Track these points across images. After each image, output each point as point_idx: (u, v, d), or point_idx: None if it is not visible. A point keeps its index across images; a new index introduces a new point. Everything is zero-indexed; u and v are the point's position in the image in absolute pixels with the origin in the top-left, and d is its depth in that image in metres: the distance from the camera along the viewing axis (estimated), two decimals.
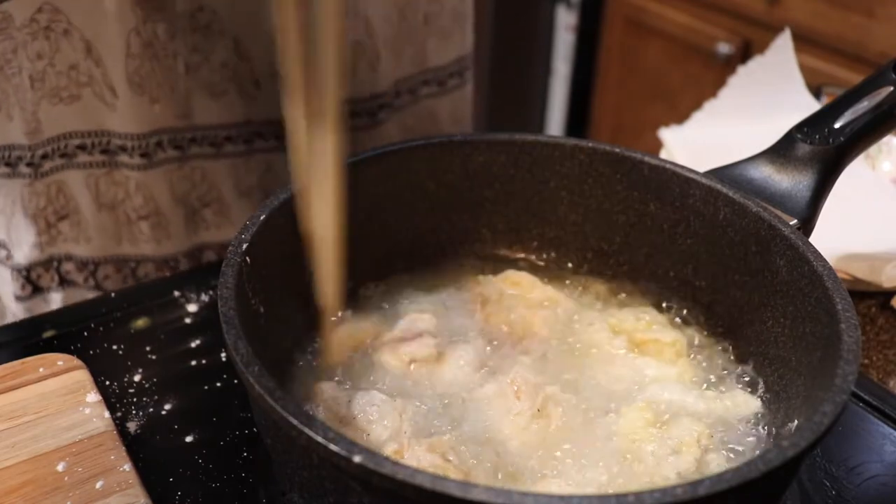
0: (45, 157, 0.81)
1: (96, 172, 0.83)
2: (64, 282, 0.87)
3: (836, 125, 0.64)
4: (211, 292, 0.75)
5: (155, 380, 0.66)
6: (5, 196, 0.84)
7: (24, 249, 0.85)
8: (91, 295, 0.87)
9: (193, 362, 0.68)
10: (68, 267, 0.87)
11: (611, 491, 0.52)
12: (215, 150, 0.86)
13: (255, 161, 0.88)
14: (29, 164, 0.81)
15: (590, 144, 0.69)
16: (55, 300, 0.88)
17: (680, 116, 1.12)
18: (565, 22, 2.56)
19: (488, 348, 0.63)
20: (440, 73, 0.98)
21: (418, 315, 0.65)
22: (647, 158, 0.67)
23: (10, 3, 0.73)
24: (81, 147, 0.81)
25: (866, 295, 0.82)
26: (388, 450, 0.52)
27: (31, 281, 0.87)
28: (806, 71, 1.09)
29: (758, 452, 0.56)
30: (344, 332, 0.64)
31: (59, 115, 0.79)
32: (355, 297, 0.69)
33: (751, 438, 0.58)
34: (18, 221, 0.84)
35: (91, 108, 0.79)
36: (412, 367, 0.61)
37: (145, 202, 0.85)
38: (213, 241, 0.89)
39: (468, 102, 1.05)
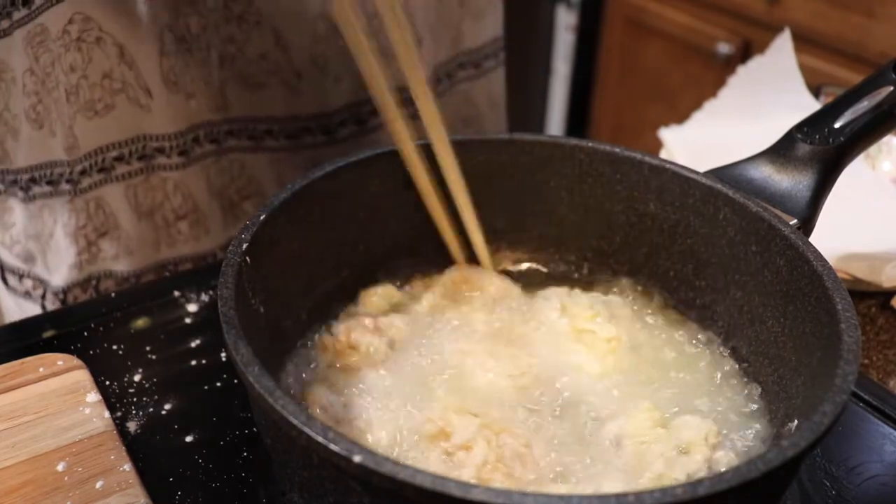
0: (83, 172, 0.79)
1: (134, 182, 0.82)
2: None
3: (836, 125, 0.64)
4: (211, 292, 0.75)
5: (155, 380, 0.66)
6: (48, 216, 0.82)
7: (63, 271, 0.84)
8: None
9: (193, 362, 0.68)
10: (107, 284, 0.86)
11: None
12: (254, 143, 0.85)
13: (301, 157, 0.88)
14: (69, 181, 0.80)
15: (590, 144, 0.69)
16: None
17: (680, 116, 1.12)
18: (565, 22, 2.56)
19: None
20: (476, 55, 0.97)
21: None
22: (647, 158, 0.67)
23: (45, 15, 0.72)
24: (119, 158, 0.80)
25: (866, 295, 0.82)
26: (434, 425, 0.54)
27: (65, 303, 0.86)
28: (806, 71, 1.09)
29: (757, 452, 0.56)
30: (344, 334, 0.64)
31: (95, 128, 0.78)
32: (354, 301, 0.69)
33: (750, 438, 0.58)
34: (57, 243, 0.83)
35: (126, 114, 0.78)
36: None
37: (184, 201, 0.84)
38: None
39: (502, 84, 1.03)
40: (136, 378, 0.66)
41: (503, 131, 1.02)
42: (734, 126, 1.05)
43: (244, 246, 0.55)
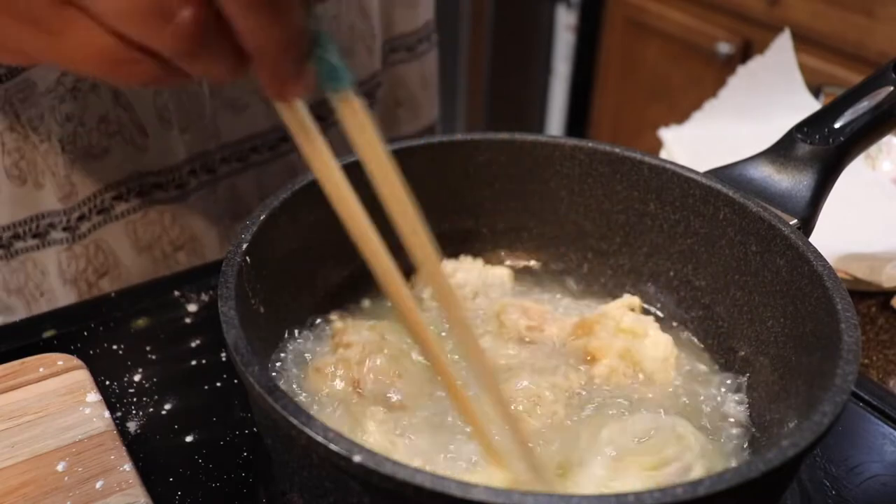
0: (81, 218, 0.79)
1: (133, 218, 0.82)
2: None
3: (836, 125, 0.64)
4: (211, 292, 0.75)
5: (155, 380, 0.66)
6: (32, 269, 0.81)
7: None
8: None
9: (193, 362, 0.68)
10: None
11: None
12: (242, 164, 0.86)
13: (278, 165, 0.88)
14: (66, 229, 0.79)
15: (590, 144, 0.69)
16: None
17: (680, 116, 1.12)
18: (565, 22, 2.56)
19: None
20: (409, 39, 0.98)
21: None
22: (647, 158, 0.67)
23: (33, 70, 0.72)
24: (117, 197, 0.80)
25: (866, 295, 0.82)
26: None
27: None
28: (806, 71, 1.09)
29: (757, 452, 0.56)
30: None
31: (92, 171, 0.77)
32: (355, 301, 0.69)
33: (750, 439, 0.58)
34: (52, 292, 0.82)
35: (122, 155, 0.78)
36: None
37: (181, 232, 0.84)
38: None
39: (435, 65, 1.05)
40: (136, 378, 0.66)
41: (435, 109, 1.05)
42: (734, 126, 1.05)
43: (244, 246, 0.55)
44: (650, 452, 0.52)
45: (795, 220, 0.61)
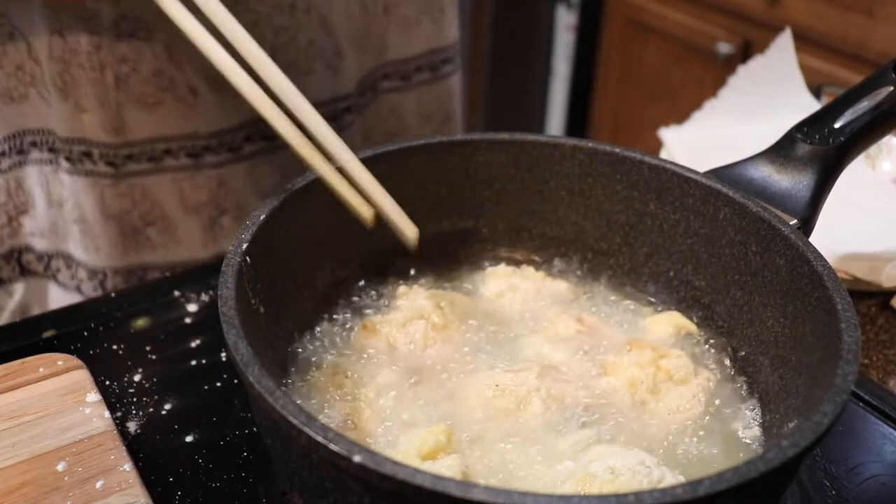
0: (129, 157, 0.80)
1: (181, 177, 0.82)
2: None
3: (836, 125, 0.64)
4: (211, 292, 0.75)
5: (155, 380, 0.66)
6: (81, 193, 0.81)
7: (104, 252, 0.84)
8: None
9: (193, 362, 0.68)
10: (153, 275, 0.86)
11: None
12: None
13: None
14: (110, 164, 0.80)
15: (590, 144, 0.69)
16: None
17: (680, 116, 1.12)
18: (565, 22, 2.56)
19: None
20: (404, 66, 0.94)
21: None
22: (647, 158, 0.67)
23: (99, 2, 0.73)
24: (167, 152, 0.81)
25: (866, 295, 0.82)
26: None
27: (104, 286, 0.86)
28: (806, 71, 1.09)
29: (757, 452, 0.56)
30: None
31: (145, 119, 0.79)
32: (353, 301, 0.69)
33: (750, 438, 0.58)
34: (93, 224, 0.83)
35: (175, 112, 0.79)
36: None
37: (228, 195, 0.85)
38: None
39: (443, 99, 1.00)
40: (136, 378, 0.66)
41: None
42: (734, 126, 1.05)
43: (244, 246, 0.55)
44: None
45: (795, 220, 0.61)
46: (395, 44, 0.92)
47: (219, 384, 0.66)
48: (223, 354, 0.68)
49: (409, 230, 0.62)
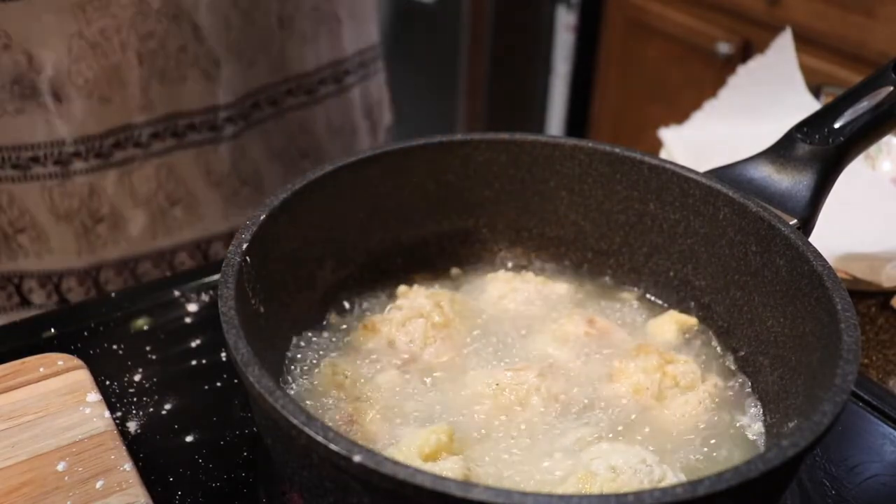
0: (155, 136, 0.80)
1: (206, 150, 0.82)
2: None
3: (836, 125, 0.64)
4: (211, 292, 0.75)
5: (155, 380, 0.66)
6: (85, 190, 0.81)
7: (125, 241, 0.83)
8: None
9: (193, 362, 0.68)
10: (182, 258, 0.86)
11: None
12: (309, 98, 0.88)
13: (343, 100, 0.92)
14: (136, 145, 0.79)
15: (590, 144, 0.69)
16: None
17: (680, 116, 1.12)
18: (565, 22, 2.56)
19: None
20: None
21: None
22: (647, 158, 0.67)
23: None
24: (190, 127, 0.81)
25: (866, 295, 0.82)
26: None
27: (136, 275, 0.85)
28: (806, 71, 1.09)
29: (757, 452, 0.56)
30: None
31: (169, 94, 0.79)
32: (353, 303, 0.69)
33: (750, 437, 0.58)
34: (115, 217, 0.82)
35: (199, 86, 0.80)
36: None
37: (247, 165, 0.85)
38: None
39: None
40: (136, 378, 0.66)
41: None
42: (734, 126, 1.05)
43: (244, 246, 0.55)
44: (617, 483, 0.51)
45: (795, 220, 0.61)
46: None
47: (219, 384, 0.66)
48: (223, 354, 0.68)
49: None
